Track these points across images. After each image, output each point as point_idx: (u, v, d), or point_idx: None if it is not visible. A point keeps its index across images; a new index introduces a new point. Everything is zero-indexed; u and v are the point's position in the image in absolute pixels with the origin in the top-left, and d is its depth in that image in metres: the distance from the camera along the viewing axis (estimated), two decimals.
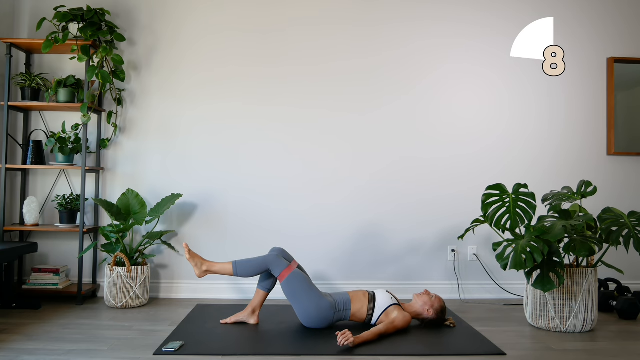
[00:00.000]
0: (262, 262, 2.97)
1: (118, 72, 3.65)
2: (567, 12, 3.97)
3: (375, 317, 2.95)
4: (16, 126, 3.79)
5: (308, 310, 2.90)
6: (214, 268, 2.99)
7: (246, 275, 2.97)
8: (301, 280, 2.93)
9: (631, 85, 3.99)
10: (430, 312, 2.98)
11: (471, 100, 3.92)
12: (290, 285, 2.92)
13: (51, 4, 3.74)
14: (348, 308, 2.96)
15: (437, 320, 3.00)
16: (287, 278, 2.92)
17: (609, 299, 3.48)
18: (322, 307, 2.90)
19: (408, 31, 3.90)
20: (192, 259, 2.99)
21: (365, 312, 2.95)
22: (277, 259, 2.96)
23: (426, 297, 3.02)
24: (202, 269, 2.99)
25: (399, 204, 3.86)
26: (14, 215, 3.80)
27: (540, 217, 3.17)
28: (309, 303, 2.90)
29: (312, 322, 2.92)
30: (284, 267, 2.95)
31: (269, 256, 2.98)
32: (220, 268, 2.98)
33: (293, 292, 2.92)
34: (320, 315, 2.90)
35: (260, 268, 2.97)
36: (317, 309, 2.90)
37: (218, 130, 3.83)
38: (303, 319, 2.94)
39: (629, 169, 3.98)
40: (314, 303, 2.90)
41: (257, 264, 2.96)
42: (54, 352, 2.52)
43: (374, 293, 3.01)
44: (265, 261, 2.96)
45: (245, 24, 3.85)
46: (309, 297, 2.91)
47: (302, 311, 2.91)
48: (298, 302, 2.91)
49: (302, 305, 2.91)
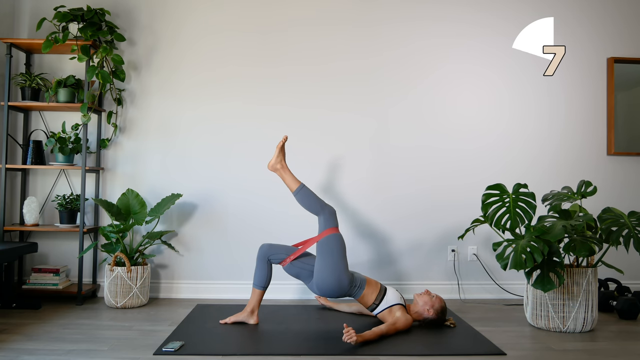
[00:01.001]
0: (322, 205, 3.07)
1: (118, 72, 3.65)
2: (567, 12, 3.97)
3: (380, 309, 2.97)
4: (16, 126, 3.79)
5: (329, 277, 2.92)
6: (285, 172, 3.15)
7: (301, 202, 3.08)
8: (341, 246, 2.98)
9: (631, 85, 3.99)
10: (431, 312, 2.98)
11: (471, 100, 3.92)
12: (330, 243, 2.96)
13: (51, 4, 3.75)
14: (362, 287, 2.99)
15: (438, 320, 3.01)
16: (333, 236, 2.98)
17: (609, 299, 3.48)
18: (343, 280, 2.93)
19: (408, 31, 3.90)
20: (278, 150, 3.14)
21: (373, 300, 2.98)
22: (334, 214, 3.06)
23: (427, 297, 3.03)
24: (276, 165, 3.13)
25: (399, 203, 3.86)
26: (14, 215, 3.80)
27: (540, 217, 3.17)
28: (335, 270, 2.92)
29: (325, 290, 2.94)
30: (335, 225, 3.02)
31: (330, 207, 3.08)
32: (289, 177, 3.13)
33: (329, 252, 2.94)
34: (338, 286, 2.93)
35: (315, 207, 3.06)
36: (338, 279, 2.92)
37: (218, 130, 3.83)
38: (319, 283, 2.94)
39: (629, 169, 3.98)
40: (338, 273, 2.92)
41: (317, 203, 3.07)
42: (54, 352, 2.52)
43: (386, 288, 3.05)
44: (324, 207, 3.06)
45: (246, 24, 3.86)
46: (338, 264, 2.94)
47: (323, 276, 2.93)
48: (326, 264, 2.93)
49: (327, 270, 2.92)
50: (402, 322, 2.87)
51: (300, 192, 3.08)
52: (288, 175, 3.13)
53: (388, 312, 2.95)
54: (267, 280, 3.06)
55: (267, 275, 3.06)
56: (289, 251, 3.06)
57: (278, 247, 3.08)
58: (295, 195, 3.09)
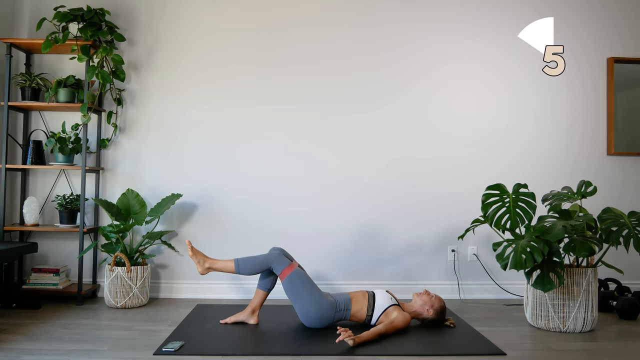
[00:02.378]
0: (263, 260, 2.97)
1: (118, 72, 3.65)
2: (567, 12, 3.97)
3: (375, 318, 2.95)
4: (16, 126, 3.79)
5: (309, 310, 2.90)
6: (216, 265, 3.00)
7: (248, 273, 2.98)
8: (302, 280, 2.94)
9: (631, 85, 3.99)
10: (430, 312, 2.98)
11: (471, 100, 3.92)
12: (291, 283, 2.92)
13: (51, 4, 3.74)
14: (348, 308, 2.96)
15: (437, 320, 3.00)
16: (289, 277, 2.92)
17: (609, 299, 3.48)
18: (323, 306, 2.90)
19: (408, 31, 3.90)
20: (194, 256, 3.01)
21: (365, 312, 2.96)
22: (279, 257, 2.97)
23: (426, 297, 3.02)
24: (205, 266, 3.01)
25: (399, 203, 3.86)
26: (14, 215, 3.80)
27: (540, 217, 3.18)
28: (310, 302, 2.90)
29: (313, 322, 2.92)
30: (286, 265, 2.95)
31: (271, 254, 2.99)
32: (223, 265, 3.00)
33: (294, 290, 2.92)
34: (321, 314, 2.90)
35: (262, 266, 2.97)
36: (318, 308, 2.90)
37: (218, 130, 3.83)
38: (304, 318, 2.94)
39: (629, 169, 3.98)
40: (314, 302, 2.90)
41: (259, 262, 2.97)
42: (54, 352, 2.52)
43: (373, 293, 3.01)
44: (267, 259, 2.97)
45: (246, 24, 3.85)
46: (309, 296, 2.91)
47: (303, 310, 2.91)
48: (299, 301, 2.92)
49: (303, 305, 2.91)
50: (400, 321, 2.86)
51: (240, 266, 2.98)
52: (220, 265, 3.01)
53: (384, 316, 2.93)
54: (271, 283, 3.06)
55: (272, 279, 3.06)
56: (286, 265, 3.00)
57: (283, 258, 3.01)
58: (238, 273, 2.99)
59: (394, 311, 2.92)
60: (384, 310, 2.93)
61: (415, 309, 3.02)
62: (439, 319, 3.00)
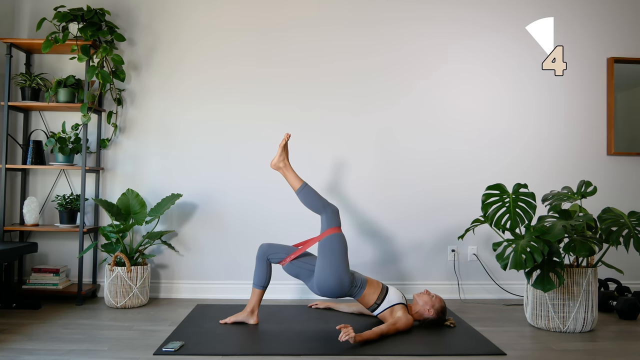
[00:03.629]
0: (324, 204, 3.05)
1: (118, 72, 3.65)
2: (567, 12, 3.97)
3: (381, 309, 2.96)
4: (16, 126, 3.79)
5: (330, 276, 2.91)
6: (287, 170, 3.14)
7: (304, 201, 3.07)
8: (343, 246, 2.98)
9: (631, 85, 3.99)
10: (431, 311, 2.98)
11: (471, 101, 3.92)
12: (333, 243, 2.95)
13: (51, 4, 3.74)
14: (363, 287, 2.98)
15: (438, 320, 3.01)
16: (335, 235, 2.97)
17: (609, 299, 3.48)
18: (344, 280, 2.93)
19: (408, 32, 3.90)
20: (281, 149, 3.12)
21: (374, 299, 2.97)
22: (337, 213, 3.05)
23: (426, 297, 3.03)
24: (279, 164, 3.12)
25: (399, 203, 3.86)
26: (14, 215, 3.80)
27: (540, 217, 3.18)
28: (336, 270, 2.92)
29: (326, 289, 2.93)
30: (338, 224, 3.01)
31: (333, 205, 3.06)
32: (292, 176, 3.11)
33: (331, 251, 2.94)
34: (339, 286, 2.92)
35: (317, 206, 3.05)
36: (339, 279, 2.92)
37: (218, 130, 3.83)
38: (319, 282, 2.93)
39: (629, 169, 3.98)
40: (339, 273, 2.92)
41: (320, 202, 3.05)
42: (54, 352, 2.52)
43: (387, 287, 3.04)
44: (327, 206, 3.04)
45: (246, 25, 3.85)
46: (339, 264, 2.93)
47: (324, 275, 2.92)
48: (327, 264, 2.92)
49: (328, 269, 2.92)
50: (403, 322, 2.87)
51: (303, 190, 3.07)
52: (291, 174, 3.12)
53: (389, 312, 2.94)
54: (266, 279, 3.06)
55: (266, 275, 3.06)
56: (289, 251, 3.06)
57: (277, 246, 3.08)
58: (297, 194, 3.09)
59: (400, 310, 2.93)
60: (392, 305, 2.95)
61: (418, 309, 3.02)
62: (439, 318, 3.01)
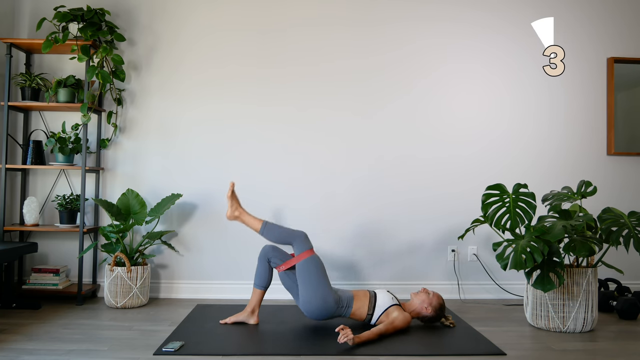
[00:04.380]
0: (290, 234, 2.99)
1: (118, 72, 3.65)
2: (567, 12, 3.97)
3: (376, 317, 2.95)
4: (16, 126, 3.79)
5: (313, 298, 2.89)
6: (244, 217, 3.05)
7: (270, 239, 3.00)
8: (317, 267, 2.94)
9: (631, 85, 3.99)
10: (429, 309, 2.98)
11: (471, 100, 3.92)
12: (306, 267, 2.92)
13: (51, 4, 3.74)
14: (350, 305, 2.96)
15: (436, 317, 3.01)
16: (307, 260, 2.93)
17: (609, 299, 3.48)
18: (327, 299, 2.90)
19: (408, 31, 3.90)
20: (231, 199, 3.06)
21: (366, 311, 2.95)
22: (305, 238, 3.00)
23: (424, 295, 3.02)
24: (234, 213, 3.05)
25: (399, 203, 3.86)
26: (14, 215, 3.80)
27: (540, 217, 3.18)
28: (316, 292, 2.89)
29: (312, 311, 2.91)
30: (308, 247, 2.97)
31: (299, 232, 3.01)
32: (250, 220, 3.04)
33: (307, 275, 2.91)
34: (324, 306, 2.89)
35: (286, 237, 2.99)
36: (323, 299, 2.89)
37: (218, 130, 3.83)
38: (305, 305, 2.92)
39: (629, 169, 3.98)
40: (321, 293, 2.89)
41: (285, 233, 2.99)
42: (54, 352, 2.52)
43: (375, 293, 3.02)
44: (293, 234, 2.99)
45: (246, 24, 3.85)
46: (318, 286, 2.90)
47: (307, 298, 2.90)
48: (307, 287, 2.90)
49: (309, 292, 2.90)
50: (400, 320, 2.86)
51: (265, 228, 3.01)
52: (248, 219, 3.05)
53: (385, 315, 2.92)
54: (267, 280, 3.05)
55: (267, 276, 3.05)
56: (286, 258, 3.05)
57: (279, 250, 3.07)
58: (261, 234, 3.02)
59: (395, 311, 2.92)
60: (384, 309, 2.93)
61: (414, 307, 3.02)
62: (437, 316, 3.01)
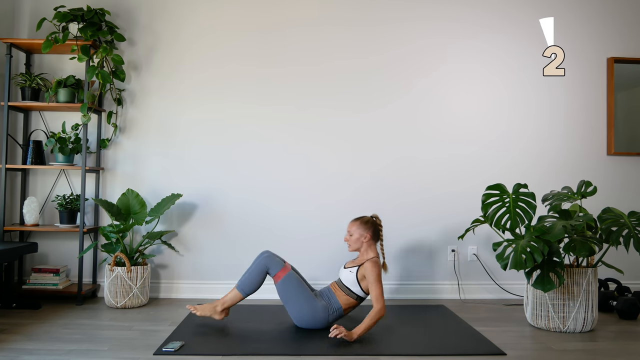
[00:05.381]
0: (260, 268, 2.93)
1: (118, 72, 3.65)
2: (567, 12, 3.97)
3: (359, 291, 2.93)
4: (16, 126, 3.79)
5: (303, 313, 2.90)
6: (226, 303, 2.96)
7: (255, 289, 2.95)
8: (295, 283, 2.92)
9: (631, 85, 3.99)
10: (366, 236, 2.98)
11: (471, 100, 3.92)
12: (284, 286, 2.91)
13: (51, 4, 3.74)
14: (339, 306, 2.95)
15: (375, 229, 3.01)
16: (283, 279, 2.91)
17: (609, 299, 3.48)
18: (316, 308, 2.90)
19: (408, 31, 3.90)
20: (204, 313, 2.96)
21: (350, 297, 2.94)
22: (272, 259, 2.95)
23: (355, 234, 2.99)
24: (218, 310, 2.96)
25: (399, 203, 3.86)
26: (14, 215, 3.80)
27: (540, 217, 3.18)
28: (303, 305, 2.90)
29: (306, 323, 2.92)
30: (279, 267, 2.93)
31: (262, 259, 2.95)
32: (231, 298, 2.95)
33: (288, 294, 2.91)
34: (315, 316, 2.90)
35: (259, 274, 2.94)
36: (312, 311, 2.89)
37: (218, 130, 3.83)
38: (297, 321, 2.94)
39: (629, 169, 3.98)
40: (308, 306, 2.89)
41: (256, 272, 2.93)
42: (54, 352, 2.52)
43: (338, 278, 3.02)
44: (260, 265, 2.94)
45: (246, 24, 3.85)
46: (303, 300, 2.90)
47: (297, 313, 2.92)
48: (292, 304, 2.91)
49: (296, 307, 2.91)
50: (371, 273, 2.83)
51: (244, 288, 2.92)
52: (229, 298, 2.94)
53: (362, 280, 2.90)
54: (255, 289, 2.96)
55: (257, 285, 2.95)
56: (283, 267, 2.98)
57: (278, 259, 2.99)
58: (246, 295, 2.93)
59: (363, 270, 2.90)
60: (355, 280, 2.92)
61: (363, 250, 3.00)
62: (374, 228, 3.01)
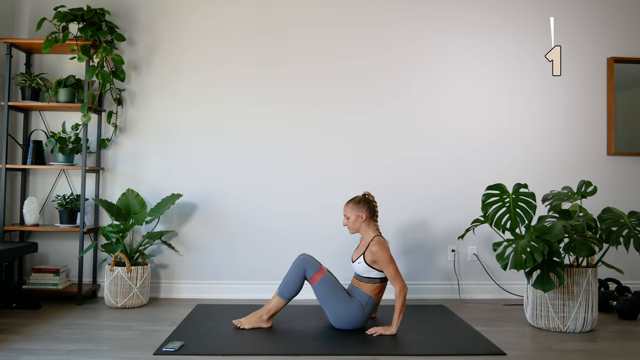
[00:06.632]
0: (298, 271, 2.96)
1: (118, 72, 3.65)
2: (567, 12, 3.97)
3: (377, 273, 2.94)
4: (16, 126, 3.79)
5: (340, 314, 2.92)
6: (271, 311, 2.96)
7: (296, 293, 2.97)
8: (332, 284, 2.95)
9: (631, 85, 3.99)
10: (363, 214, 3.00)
11: (471, 100, 3.92)
12: (321, 288, 2.94)
13: (51, 4, 3.74)
14: (368, 297, 2.95)
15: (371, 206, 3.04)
16: (319, 282, 2.94)
17: (609, 299, 3.48)
18: (352, 310, 2.92)
19: (408, 31, 3.90)
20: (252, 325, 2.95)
21: (373, 284, 2.95)
22: (309, 261, 2.97)
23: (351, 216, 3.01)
24: (264, 319, 2.97)
25: (399, 203, 3.86)
26: (14, 215, 3.80)
27: (540, 217, 3.18)
28: (340, 307, 2.92)
29: (343, 324, 2.94)
30: (316, 270, 2.96)
31: (299, 261, 2.98)
32: (274, 306, 2.96)
33: (325, 295, 2.94)
34: (351, 317, 2.92)
35: (299, 278, 2.96)
36: (348, 312, 2.92)
37: (218, 131, 3.83)
38: (335, 322, 2.96)
39: (629, 169, 3.98)
40: (345, 307, 2.92)
41: (295, 276, 2.96)
42: (54, 352, 2.52)
43: (355, 273, 3.05)
44: (298, 267, 2.97)
45: (246, 25, 3.85)
46: (340, 301, 2.92)
47: (334, 314, 2.94)
48: (329, 305, 2.94)
49: (332, 308, 2.94)
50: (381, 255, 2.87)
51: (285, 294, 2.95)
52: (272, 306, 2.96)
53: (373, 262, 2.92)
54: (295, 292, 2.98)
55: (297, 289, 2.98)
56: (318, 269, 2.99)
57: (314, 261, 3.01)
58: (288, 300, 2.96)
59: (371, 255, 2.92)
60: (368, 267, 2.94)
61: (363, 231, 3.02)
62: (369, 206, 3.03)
